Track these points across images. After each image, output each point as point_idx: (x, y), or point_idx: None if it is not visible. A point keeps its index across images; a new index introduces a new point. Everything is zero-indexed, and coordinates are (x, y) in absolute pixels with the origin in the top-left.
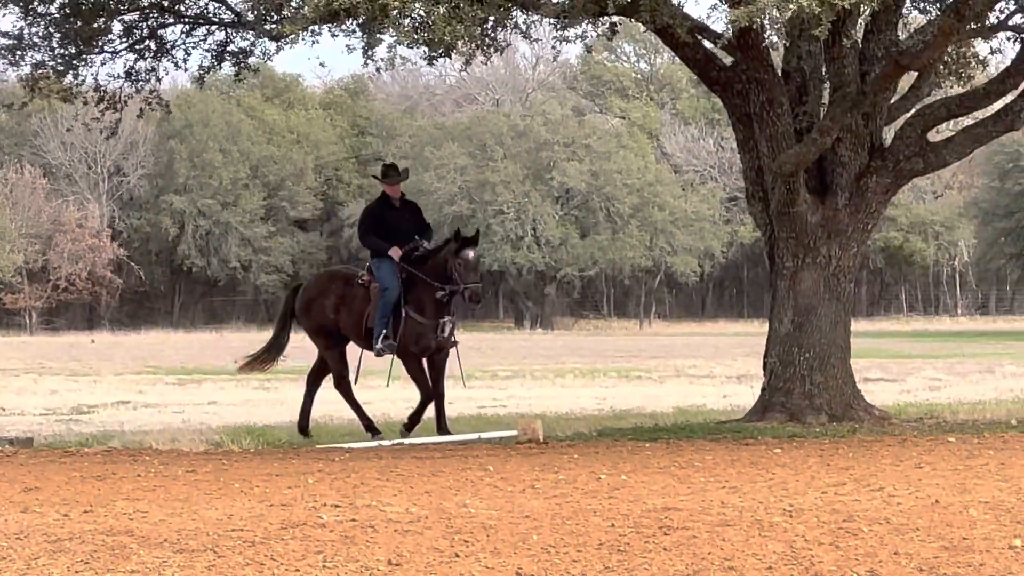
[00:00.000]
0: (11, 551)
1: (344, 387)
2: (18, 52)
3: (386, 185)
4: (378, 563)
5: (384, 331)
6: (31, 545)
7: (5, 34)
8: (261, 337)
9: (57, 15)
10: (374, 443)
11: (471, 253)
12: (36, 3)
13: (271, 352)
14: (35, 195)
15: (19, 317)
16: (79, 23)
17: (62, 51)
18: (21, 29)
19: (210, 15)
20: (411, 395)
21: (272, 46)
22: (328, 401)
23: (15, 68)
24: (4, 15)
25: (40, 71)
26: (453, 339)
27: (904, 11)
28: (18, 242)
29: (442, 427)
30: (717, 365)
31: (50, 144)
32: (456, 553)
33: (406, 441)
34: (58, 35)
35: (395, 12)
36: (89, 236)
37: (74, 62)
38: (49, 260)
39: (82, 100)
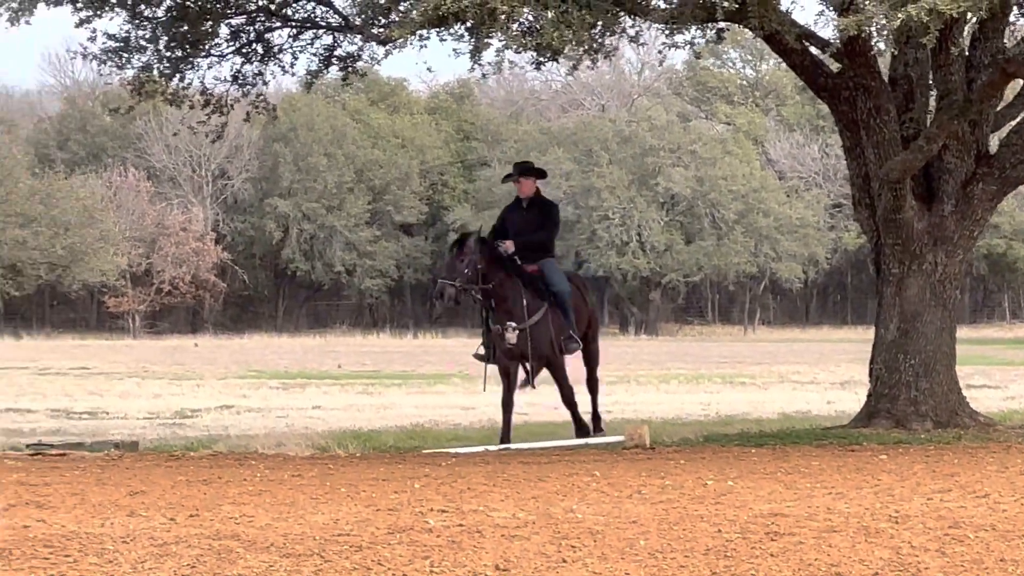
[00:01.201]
0: (117, 555)
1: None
2: (124, 55)
3: (515, 184)
4: (485, 568)
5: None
6: (137, 549)
7: (112, 37)
8: (366, 341)
9: (164, 18)
10: (592, 440)
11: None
12: (143, 6)
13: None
14: (139, 198)
15: (122, 320)
16: (186, 26)
17: (169, 54)
18: (128, 32)
19: (317, 19)
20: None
21: (380, 50)
22: (431, 406)
23: (121, 71)
24: (111, 18)
25: (146, 74)
26: (518, 346)
27: (1011, 19)
28: (122, 245)
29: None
30: (821, 371)
31: (155, 147)
32: (563, 559)
33: (512, 446)
34: (165, 38)
35: (503, 16)
36: (193, 239)
37: (181, 65)
38: (153, 263)
39: (188, 103)
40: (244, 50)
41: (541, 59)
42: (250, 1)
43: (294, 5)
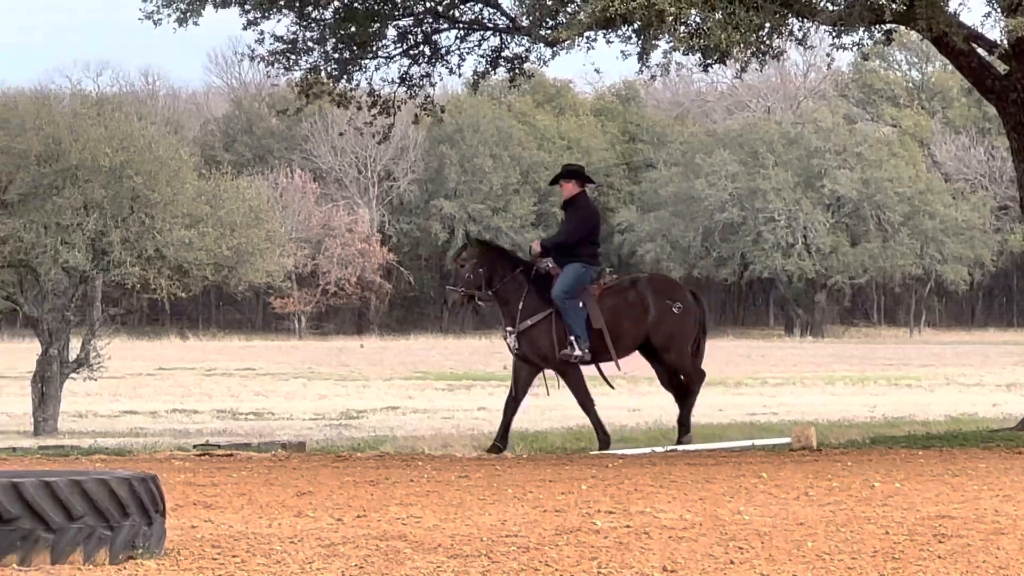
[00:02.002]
0: (285, 555)
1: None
2: (292, 57)
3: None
4: (652, 569)
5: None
6: (305, 549)
7: (280, 39)
8: None
9: (331, 20)
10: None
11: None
12: (311, 8)
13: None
14: (305, 199)
15: (288, 321)
16: (353, 28)
17: (336, 56)
18: (295, 34)
19: (484, 21)
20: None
21: (547, 52)
22: (597, 408)
23: (288, 73)
24: (278, 20)
25: (314, 76)
26: (519, 350)
27: None
28: (288, 246)
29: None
30: (987, 373)
31: (321, 148)
32: (730, 560)
33: (679, 448)
34: (332, 40)
35: (671, 18)
36: (359, 241)
37: (348, 67)
38: (319, 264)
39: (355, 105)
40: (411, 52)
41: (708, 61)
42: (418, 3)
43: (461, 7)
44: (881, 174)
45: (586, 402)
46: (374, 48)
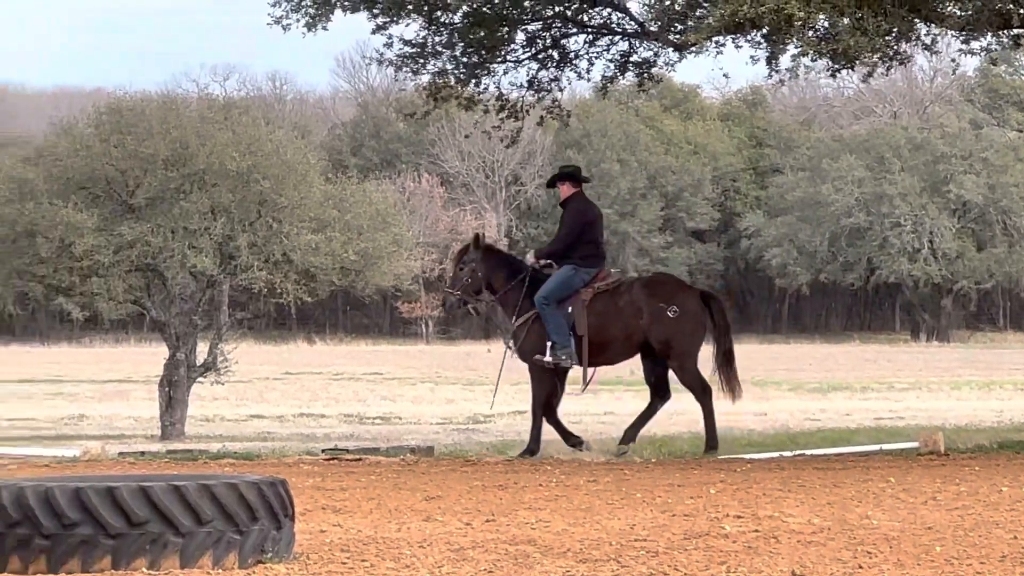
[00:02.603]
0: (415, 559)
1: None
2: (420, 61)
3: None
4: (781, 574)
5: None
6: (434, 554)
7: (408, 43)
8: None
9: (460, 24)
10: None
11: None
12: (439, 12)
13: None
14: (432, 203)
15: (415, 326)
16: (482, 32)
17: (465, 60)
18: (424, 38)
19: (613, 25)
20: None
21: (675, 56)
22: (722, 412)
23: (416, 77)
24: (407, 24)
25: (442, 80)
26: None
27: None
28: (415, 251)
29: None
30: None
31: (448, 153)
32: (859, 564)
33: (808, 452)
34: (461, 44)
35: (799, 23)
36: None
37: (476, 71)
38: (446, 269)
39: (483, 109)
40: (540, 56)
41: (837, 66)
42: (547, 7)
43: (590, 11)
44: (1007, 179)
45: (537, 409)
46: (502, 52)
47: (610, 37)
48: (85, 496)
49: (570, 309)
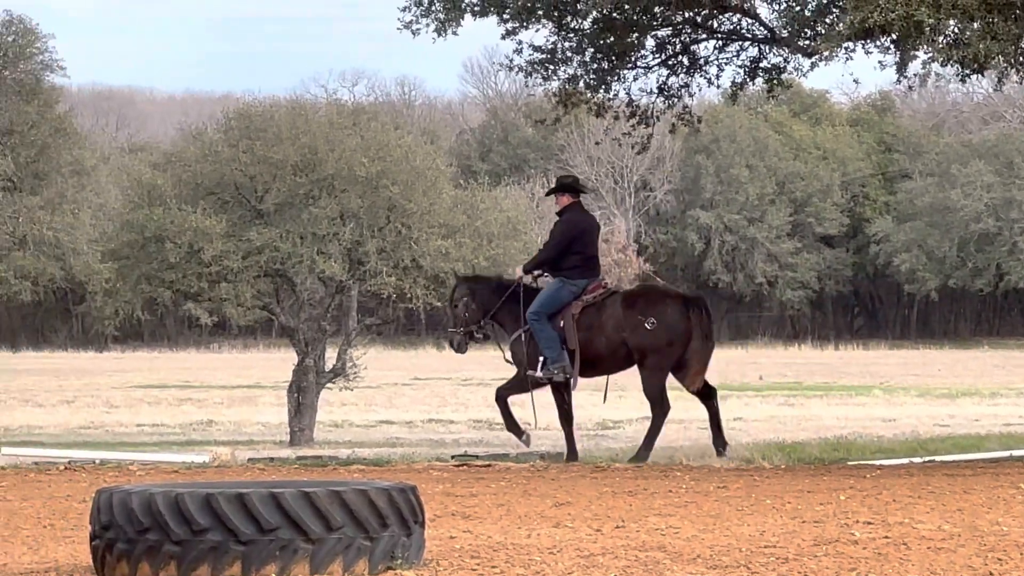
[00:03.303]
0: (544, 566)
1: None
2: (550, 67)
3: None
4: None
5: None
6: (564, 560)
7: (538, 48)
8: (787, 353)
9: (590, 30)
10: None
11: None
12: (569, 18)
13: None
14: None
15: None
16: (612, 38)
17: (594, 66)
18: (554, 44)
19: (743, 31)
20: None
21: (805, 62)
22: (853, 418)
23: (546, 83)
24: (536, 30)
25: (572, 86)
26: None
27: None
28: None
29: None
30: None
31: (577, 158)
32: (990, 572)
33: (938, 458)
34: (591, 50)
35: (929, 29)
36: (615, 251)
37: (606, 77)
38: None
39: (614, 115)
40: (670, 62)
41: (967, 72)
42: (676, 13)
43: (720, 17)
44: None
45: (564, 420)
46: (632, 58)
47: (740, 43)
48: (215, 502)
49: (562, 323)
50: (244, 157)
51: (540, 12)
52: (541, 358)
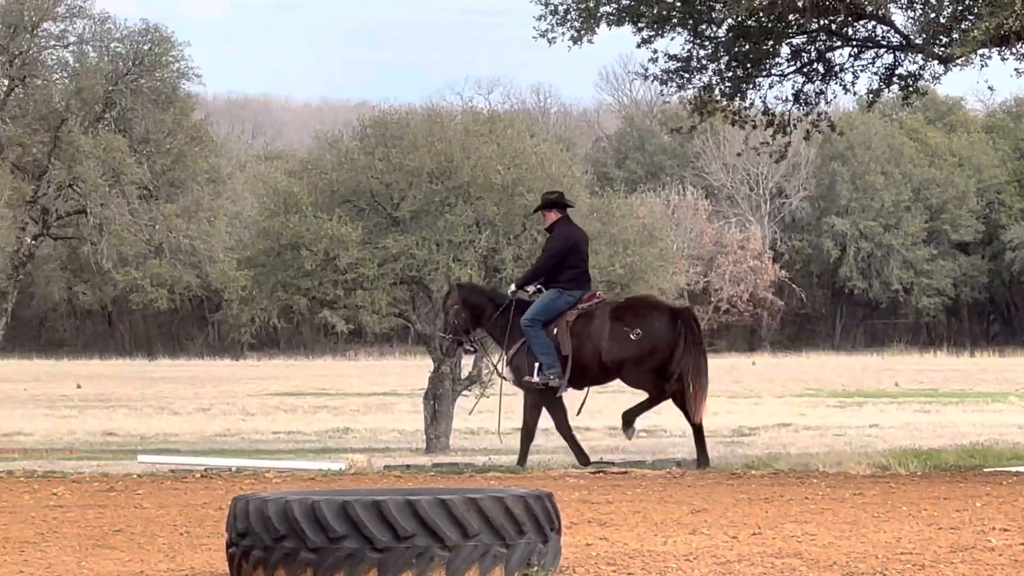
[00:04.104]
0: (680, 572)
1: None
2: (685, 75)
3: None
4: None
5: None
6: (700, 567)
7: (673, 57)
8: (923, 360)
9: (725, 38)
10: None
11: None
12: (704, 26)
13: None
14: (697, 216)
15: None
16: (747, 46)
17: (730, 73)
18: (689, 52)
19: (878, 38)
20: None
21: (940, 69)
22: (989, 425)
23: (681, 91)
24: (672, 38)
25: (707, 94)
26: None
27: None
28: (680, 264)
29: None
30: None
31: (712, 165)
32: None
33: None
34: (726, 58)
35: None
36: (751, 258)
37: (742, 84)
38: (711, 282)
39: (750, 123)
40: (805, 69)
41: None
42: (811, 21)
43: (855, 24)
44: None
45: (529, 428)
46: (767, 66)
47: (875, 50)
48: (351, 509)
49: (555, 331)
50: (380, 165)
51: (675, 20)
52: (536, 364)
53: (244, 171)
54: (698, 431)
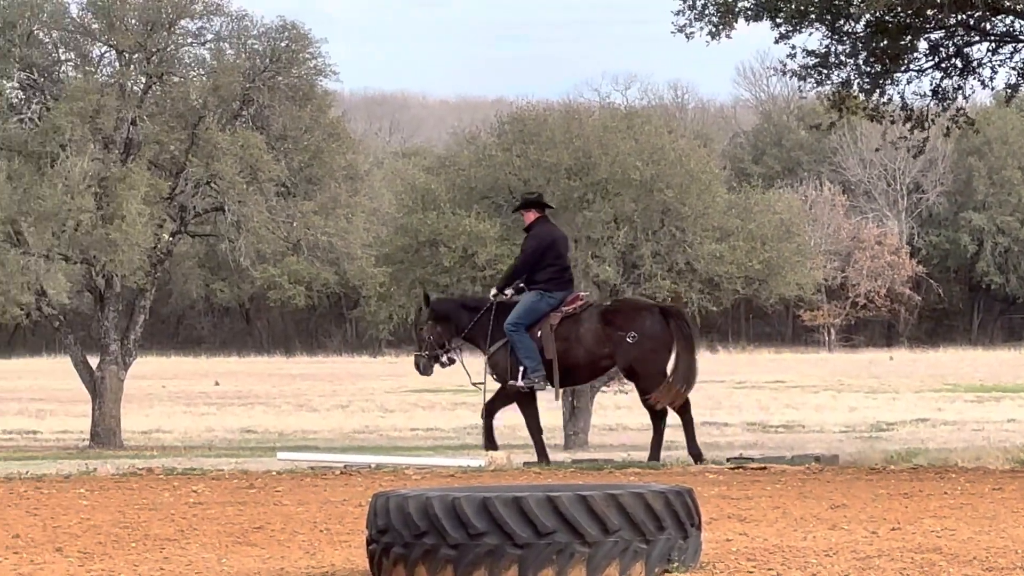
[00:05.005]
0: (820, 568)
1: None
2: (824, 71)
3: None
4: None
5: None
6: (840, 562)
7: (811, 53)
8: None
9: (863, 33)
10: None
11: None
12: (842, 22)
13: None
14: (834, 212)
15: (817, 334)
16: (885, 41)
17: (868, 69)
18: (827, 48)
19: (1016, 33)
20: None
21: None
22: None
23: (819, 87)
24: (810, 34)
25: (846, 90)
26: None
27: None
28: (818, 259)
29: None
30: None
31: (849, 161)
32: None
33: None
34: (864, 53)
35: None
36: (888, 253)
37: (880, 80)
38: (848, 277)
39: (889, 118)
40: (943, 64)
41: None
42: (949, 16)
43: (993, 19)
44: None
45: (533, 428)
46: (905, 61)
47: (1013, 45)
48: (492, 506)
49: (539, 334)
50: (518, 161)
51: (813, 16)
52: (521, 367)
53: (381, 168)
54: (688, 423)
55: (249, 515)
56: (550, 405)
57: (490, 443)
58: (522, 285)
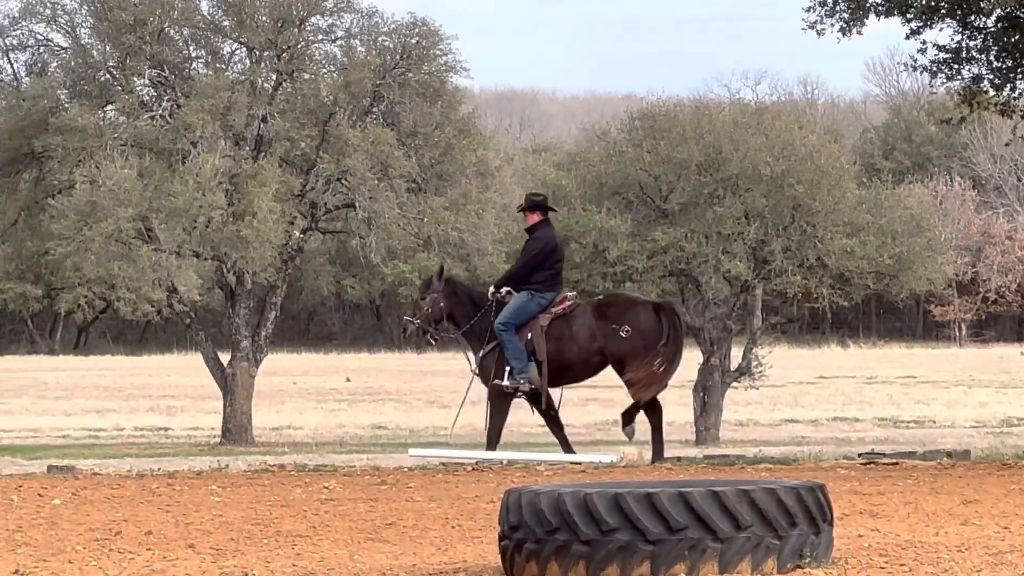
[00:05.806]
0: (953, 564)
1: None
2: (955, 66)
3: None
4: None
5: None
6: (972, 558)
7: (942, 48)
8: None
9: (994, 28)
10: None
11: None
12: (973, 17)
13: None
14: (964, 207)
15: (948, 329)
16: (1016, 36)
17: (999, 64)
18: (959, 43)
19: None
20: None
21: None
22: None
23: (950, 82)
24: (941, 29)
25: (976, 85)
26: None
27: None
28: (948, 254)
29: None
30: None
31: (979, 156)
32: None
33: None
34: (995, 48)
35: None
36: (1019, 248)
37: (1011, 75)
38: (978, 272)
39: (1020, 113)
40: None
41: None
42: None
43: None
44: None
45: (492, 434)
46: None
47: None
48: (624, 502)
49: (529, 335)
50: (648, 157)
51: (944, 11)
52: (508, 368)
53: (512, 164)
54: (656, 426)
55: (381, 511)
56: (680, 400)
57: (491, 449)
58: (508, 289)
